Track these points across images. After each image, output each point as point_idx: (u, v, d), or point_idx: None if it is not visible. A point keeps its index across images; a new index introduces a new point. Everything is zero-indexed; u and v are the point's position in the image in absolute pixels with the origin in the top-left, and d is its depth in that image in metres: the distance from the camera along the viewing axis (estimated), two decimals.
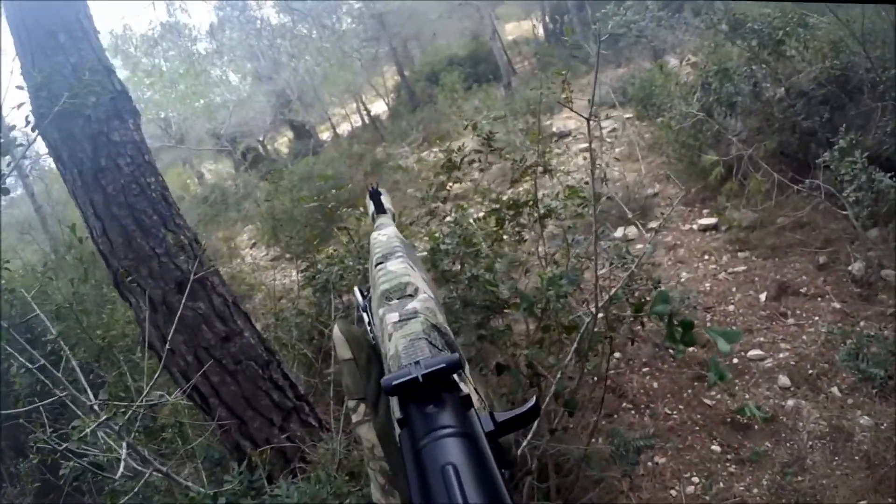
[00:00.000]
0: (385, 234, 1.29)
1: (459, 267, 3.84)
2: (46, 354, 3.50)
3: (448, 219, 4.43)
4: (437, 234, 3.97)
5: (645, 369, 5.42)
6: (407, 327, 0.88)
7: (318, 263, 5.04)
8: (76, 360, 2.89)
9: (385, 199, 1.68)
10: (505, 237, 4.38)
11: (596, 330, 3.14)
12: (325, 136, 28.67)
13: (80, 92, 3.21)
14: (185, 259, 3.85)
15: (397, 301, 0.97)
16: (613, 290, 3.20)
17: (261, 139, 25.30)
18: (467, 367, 0.90)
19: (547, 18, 25.85)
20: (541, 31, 27.19)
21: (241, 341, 4.06)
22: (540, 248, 4.31)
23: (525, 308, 3.40)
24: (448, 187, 4.73)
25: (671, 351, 5.00)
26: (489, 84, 18.45)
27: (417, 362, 0.71)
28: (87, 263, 5.90)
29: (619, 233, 7.59)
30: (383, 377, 0.71)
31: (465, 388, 0.72)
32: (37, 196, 12.81)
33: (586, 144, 10.13)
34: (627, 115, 11.94)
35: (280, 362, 4.32)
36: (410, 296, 0.98)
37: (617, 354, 5.31)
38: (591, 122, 2.92)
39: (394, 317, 0.91)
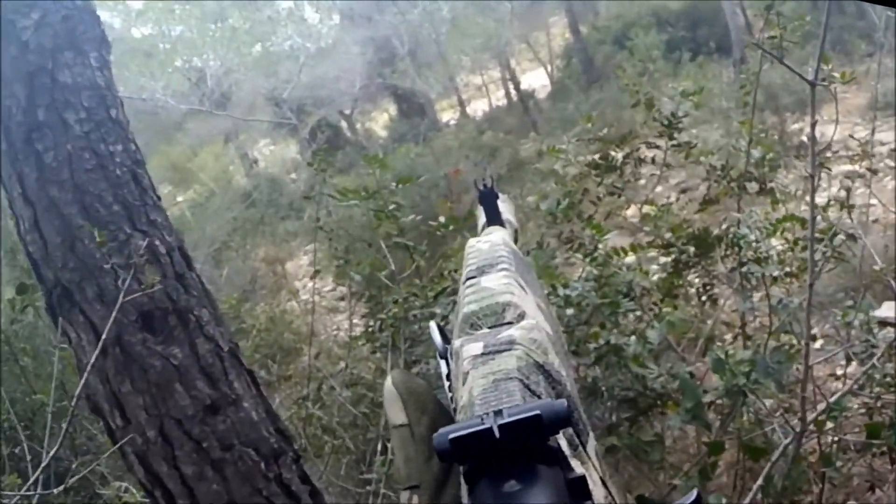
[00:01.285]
0: (489, 240, 1.31)
1: (590, 330, 3.73)
2: None
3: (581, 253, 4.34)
4: (558, 273, 3.90)
5: None
6: (493, 363, 0.89)
7: (390, 308, 5.02)
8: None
9: (504, 206, 1.69)
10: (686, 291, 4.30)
11: (801, 459, 3.00)
12: (447, 115, 29.12)
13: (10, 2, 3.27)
14: (158, 278, 3.85)
15: (487, 330, 0.99)
16: (836, 396, 3.03)
17: (346, 112, 25.86)
18: (591, 438, 0.93)
19: None
20: None
21: (237, 415, 4.02)
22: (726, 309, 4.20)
23: (689, 410, 3.25)
24: (596, 199, 4.62)
25: None
26: (710, 58, 18.28)
27: (499, 411, 0.70)
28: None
29: (886, 310, 7.33)
30: (437, 432, 0.70)
31: (579, 468, 0.72)
32: None
33: (853, 166, 9.85)
34: None
35: (297, 455, 4.27)
36: (510, 323, 0.99)
37: None
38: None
39: (475, 348, 0.93)
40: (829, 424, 3.30)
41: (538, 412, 0.67)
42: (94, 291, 3.76)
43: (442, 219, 4.51)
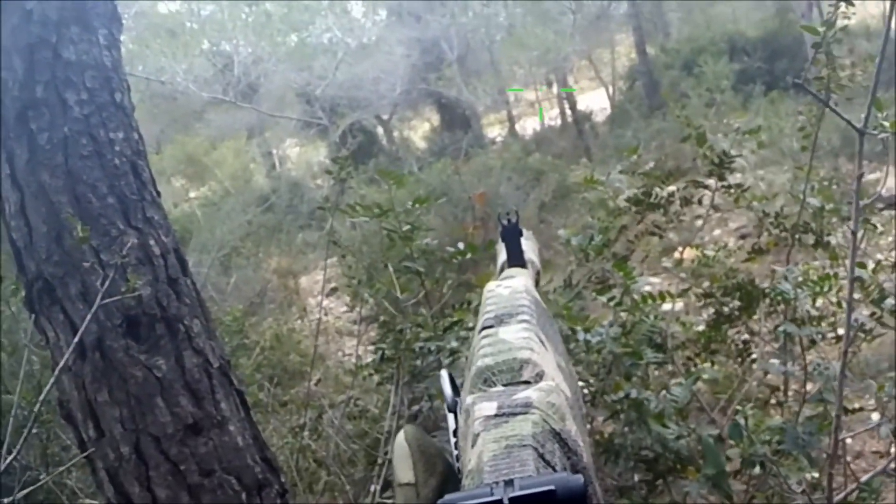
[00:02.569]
0: (510, 286, 1.30)
1: (607, 381, 3.73)
2: None
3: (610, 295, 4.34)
4: (585, 316, 3.89)
5: None
6: (507, 427, 0.88)
7: (394, 337, 5.03)
8: None
9: (528, 244, 1.70)
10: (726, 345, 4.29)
11: None
12: (494, 131, 29.12)
13: None
14: (149, 280, 3.87)
15: (502, 388, 0.98)
16: (869, 476, 3.02)
17: (383, 117, 25.91)
18: None
19: None
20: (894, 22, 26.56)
21: (221, 438, 4.03)
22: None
23: (710, 477, 3.25)
24: (634, 237, 4.63)
25: None
26: (786, 93, 18.22)
27: (509, 482, 0.71)
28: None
29: None
30: (443, 497, 0.71)
31: None
32: None
33: None
34: None
35: (284, 489, 4.29)
36: (527, 382, 0.98)
37: None
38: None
39: (488, 408, 0.92)
40: None
41: (552, 487, 0.68)
42: (78, 289, 3.77)
43: (461, 245, 4.50)
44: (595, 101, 27.87)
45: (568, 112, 26.03)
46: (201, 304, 4.15)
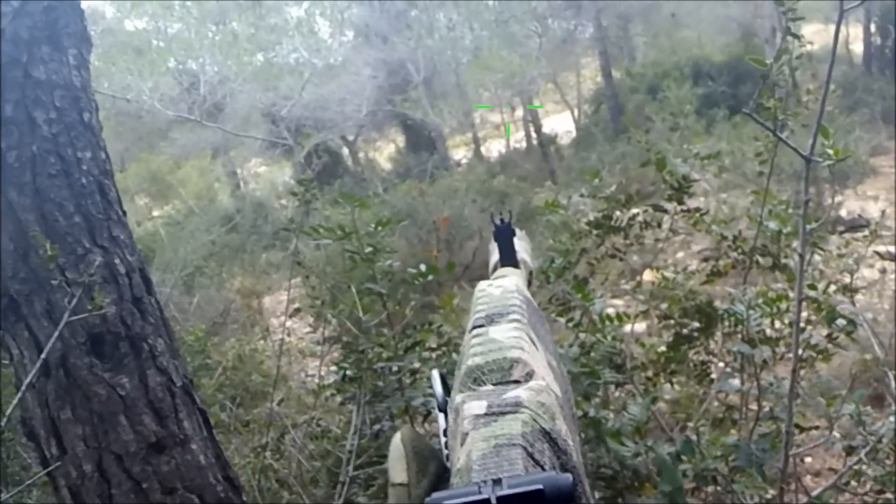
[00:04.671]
0: (501, 286, 1.31)
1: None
2: None
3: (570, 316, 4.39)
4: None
5: None
6: (496, 426, 0.88)
7: (364, 357, 5.06)
8: None
9: (520, 244, 1.71)
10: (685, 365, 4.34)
11: None
12: (460, 153, 29.14)
13: None
14: (114, 298, 3.90)
15: (492, 388, 0.98)
16: (820, 490, 3.09)
17: (349, 138, 25.90)
18: None
19: (873, 27, 25.45)
20: (858, 47, 26.80)
21: (184, 457, 4.05)
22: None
23: (667, 494, 3.31)
24: (594, 260, 4.69)
25: None
26: (749, 118, 18.29)
27: (497, 480, 0.71)
28: None
29: None
30: (430, 496, 0.71)
31: None
32: None
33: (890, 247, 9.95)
34: None
35: None
36: (517, 381, 0.99)
37: None
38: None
39: (477, 407, 0.93)
40: None
41: (541, 486, 0.69)
42: (44, 307, 3.78)
43: (422, 266, 4.54)
44: (560, 124, 27.97)
45: (533, 135, 26.07)
46: (165, 323, 4.17)
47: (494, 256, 1.68)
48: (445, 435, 1.08)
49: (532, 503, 0.68)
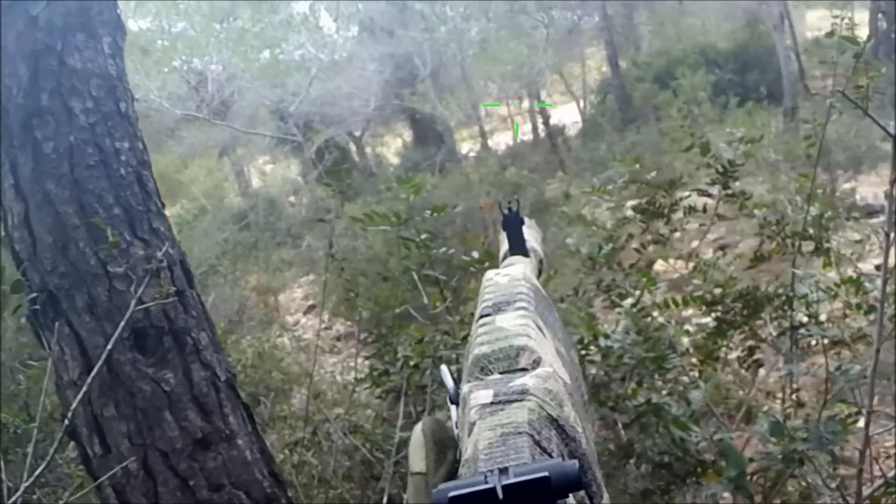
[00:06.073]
0: (508, 274, 1.32)
1: (627, 386, 3.72)
2: None
3: (628, 301, 4.34)
4: (595, 324, 3.89)
5: None
6: (502, 414, 0.89)
7: (399, 349, 5.02)
8: None
9: (530, 234, 1.71)
10: (727, 354, 4.30)
11: None
12: (467, 146, 29.14)
13: None
14: (156, 292, 3.83)
15: (499, 376, 0.99)
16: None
17: (356, 133, 25.88)
18: (605, 500, 0.93)
19: (881, 13, 25.39)
20: (864, 31, 26.67)
21: (230, 453, 4.00)
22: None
23: (732, 479, 3.25)
24: (641, 247, 4.64)
25: None
26: (760, 104, 18.30)
27: (504, 469, 0.71)
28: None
29: None
30: (437, 488, 0.70)
31: None
32: None
33: None
34: None
35: (291, 503, 4.25)
36: (524, 369, 0.99)
37: None
38: None
39: (484, 396, 0.93)
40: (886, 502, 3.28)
41: (546, 474, 0.68)
42: (85, 301, 3.72)
43: (475, 254, 4.49)
44: (567, 115, 27.93)
45: (541, 126, 26.06)
46: (207, 316, 4.12)
47: (504, 246, 1.68)
48: (457, 427, 1.07)
49: (538, 491, 0.67)
